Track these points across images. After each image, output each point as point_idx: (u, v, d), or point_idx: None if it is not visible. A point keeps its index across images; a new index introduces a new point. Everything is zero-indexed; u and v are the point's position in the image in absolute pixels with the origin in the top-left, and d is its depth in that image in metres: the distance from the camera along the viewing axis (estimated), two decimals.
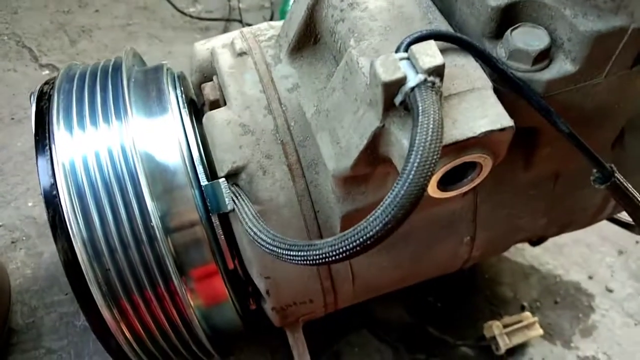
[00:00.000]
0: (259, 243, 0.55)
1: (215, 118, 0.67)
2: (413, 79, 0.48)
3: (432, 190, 0.54)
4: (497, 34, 0.59)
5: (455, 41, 0.54)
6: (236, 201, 0.63)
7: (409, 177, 0.44)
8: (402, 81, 0.48)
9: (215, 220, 0.67)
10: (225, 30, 1.60)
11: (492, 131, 0.49)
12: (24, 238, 1.14)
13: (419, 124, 0.46)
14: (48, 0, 1.64)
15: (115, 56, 0.79)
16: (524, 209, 0.74)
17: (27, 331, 1.02)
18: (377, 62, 0.48)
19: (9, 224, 1.15)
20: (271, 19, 1.56)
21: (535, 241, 0.99)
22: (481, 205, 0.71)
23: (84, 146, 0.66)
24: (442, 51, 0.51)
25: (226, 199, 0.63)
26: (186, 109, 0.71)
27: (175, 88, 0.74)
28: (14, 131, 1.32)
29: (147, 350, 0.70)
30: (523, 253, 1.18)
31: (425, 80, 0.47)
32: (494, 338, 1.00)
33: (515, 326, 1.01)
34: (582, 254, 1.19)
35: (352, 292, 0.75)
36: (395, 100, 0.49)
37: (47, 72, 1.46)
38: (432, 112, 0.46)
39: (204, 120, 0.69)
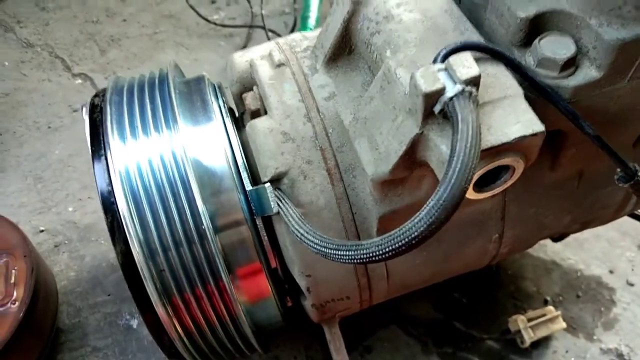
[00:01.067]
0: (307, 244, 0.59)
1: (258, 127, 0.72)
2: (452, 89, 0.52)
3: (469, 192, 0.58)
4: (526, 42, 0.62)
5: (487, 51, 0.58)
6: (281, 205, 0.67)
7: (451, 181, 0.48)
8: (441, 92, 0.52)
9: (259, 222, 0.71)
10: (249, 36, 1.65)
11: (525, 136, 0.53)
12: (66, 242, 1.19)
13: (458, 131, 0.50)
14: (77, 11, 1.70)
15: (158, 68, 0.83)
16: (550, 208, 0.78)
17: (73, 331, 1.07)
18: (417, 74, 0.52)
19: (51, 228, 1.21)
20: (293, 25, 1.61)
21: (557, 237, 1.02)
22: (510, 205, 0.75)
23: (138, 154, 0.71)
24: (476, 60, 0.55)
25: (271, 203, 0.68)
26: (229, 118, 0.76)
27: (217, 98, 0.79)
28: (52, 139, 1.38)
29: (196, 345, 0.75)
30: (545, 249, 1.21)
31: (463, 90, 0.51)
32: (518, 332, 1.03)
33: (539, 320, 1.04)
34: (602, 249, 1.22)
35: (386, 289, 0.79)
36: (434, 109, 0.53)
37: (79, 81, 1.52)
38: (470, 120, 0.50)
39: (247, 128, 0.73)
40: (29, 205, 1.25)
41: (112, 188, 0.69)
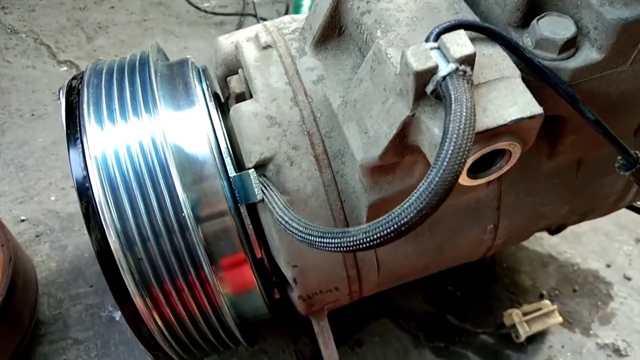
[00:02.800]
0: (291, 232, 0.56)
1: (242, 110, 0.68)
2: (444, 68, 0.49)
3: (462, 178, 0.55)
4: (523, 23, 0.59)
5: (483, 31, 0.55)
6: (265, 192, 0.64)
7: (443, 164, 0.45)
8: (433, 70, 0.49)
9: (243, 210, 0.68)
10: (240, 24, 1.61)
11: (522, 119, 0.50)
12: (47, 232, 1.16)
13: (452, 111, 0.47)
14: None
15: (140, 51, 0.80)
16: (547, 197, 0.75)
17: (54, 322, 1.04)
18: (408, 52, 0.49)
19: (32, 218, 1.18)
20: (286, 13, 1.57)
21: (554, 230, 0.99)
22: (505, 194, 0.72)
23: (115, 138, 0.67)
24: (471, 40, 0.52)
25: (255, 190, 0.65)
26: (213, 102, 0.73)
27: (200, 82, 0.75)
28: (35, 127, 1.34)
29: (177, 338, 0.72)
30: (541, 242, 1.18)
31: (457, 69, 0.48)
32: (513, 326, 1.01)
33: (535, 314, 1.02)
34: (599, 242, 1.19)
35: (376, 280, 0.76)
36: (426, 89, 0.50)
37: (65, 68, 1.48)
38: (464, 100, 0.47)
39: (231, 112, 0.70)
40: (10, 194, 1.21)
41: (88, 173, 0.65)
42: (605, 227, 1.20)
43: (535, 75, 0.56)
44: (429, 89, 0.50)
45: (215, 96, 0.77)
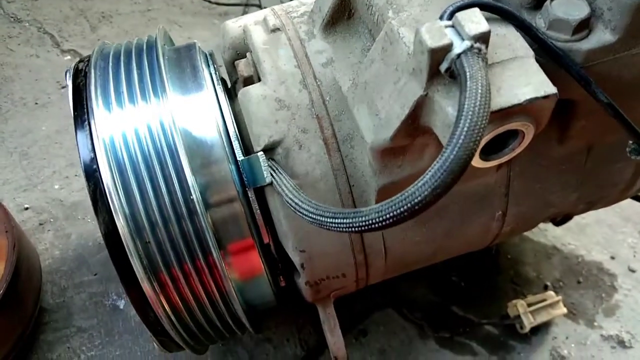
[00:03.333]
0: (301, 213, 0.56)
1: (251, 93, 0.68)
2: (459, 46, 0.48)
3: (475, 159, 0.54)
4: (536, 5, 0.59)
5: (496, 11, 0.55)
6: (274, 175, 0.64)
7: (458, 142, 0.44)
8: (448, 48, 0.48)
9: (251, 194, 0.67)
10: (244, 14, 1.60)
11: (536, 98, 0.50)
12: (51, 220, 1.15)
13: (467, 89, 0.46)
14: None
15: (147, 36, 0.79)
16: (556, 184, 0.74)
17: (57, 310, 1.03)
18: (422, 29, 0.49)
19: (36, 206, 1.17)
20: None
21: (559, 221, 0.99)
22: (514, 180, 0.71)
23: (123, 121, 0.67)
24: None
25: (264, 173, 0.64)
26: (220, 86, 0.72)
27: (208, 66, 0.75)
28: (39, 115, 1.33)
29: (183, 323, 0.71)
30: (545, 234, 1.18)
31: (472, 46, 0.48)
32: (518, 317, 1.00)
33: (539, 305, 1.01)
34: (604, 234, 1.19)
35: (383, 267, 0.75)
36: (440, 67, 0.50)
37: (69, 57, 1.47)
38: (479, 78, 0.46)
39: (239, 95, 0.69)
40: (13, 182, 1.20)
41: (95, 156, 0.65)
42: (609, 219, 1.20)
43: (548, 57, 0.56)
44: (443, 67, 0.49)
45: (222, 81, 0.77)
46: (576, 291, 1.11)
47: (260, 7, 1.57)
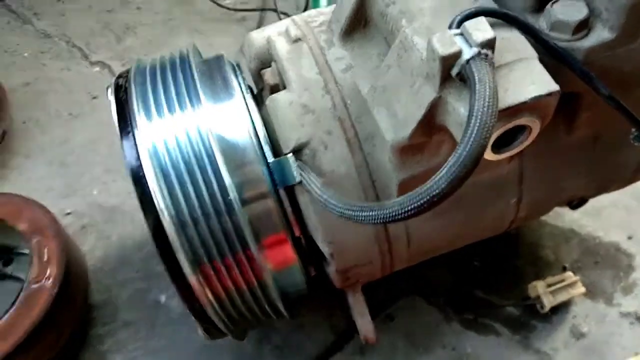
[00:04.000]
0: (331, 208, 0.62)
1: (278, 100, 0.74)
2: (468, 52, 0.53)
3: (487, 153, 0.60)
4: (538, 8, 0.64)
5: (501, 17, 0.60)
6: (303, 174, 0.70)
7: (470, 139, 0.50)
8: (458, 55, 0.54)
9: (282, 192, 0.74)
10: (262, 19, 1.66)
11: (540, 96, 0.55)
12: (92, 224, 1.23)
13: (476, 91, 0.52)
14: (91, 2, 1.73)
15: (176, 50, 0.86)
16: (567, 171, 0.79)
17: (104, 306, 1.11)
18: (434, 39, 0.54)
19: (77, 211, 1.25)
20: (305, 6, 1.62)
21: (575, 204, 1.03)
22: (526, 169, 0.76)
23: (164, 130, 0.74)
24: (490, 26, 0.57)
25: (294, 172, 0.70)
26: (249, 94, 0.78)
27: (236, 76, 0.81)
28: (74, 126, 1.41)
29: (226, 311, 0.78)
30: (563, 217, 1.22)
31: (479, 52, 0.53)
32: (538, 297, 1.05)
33: (558, 285, 1.06)
34: (620, 216, 1.23)
35: (407, 254, 0.81)
36: (451, 72, 0.55)
37: (98, 69, 1.55)
38: (487, 81, 0.52)
39: (267, 102, 0.75)
40: (55, 190, 1.29)
41: (141, 163, 0.72)
42: (624, 201, 1.24)
43: (551, 56, 0.61)
44: (454, 72, 0.55)
45: (250, 88, 0.83)
46: (594, 271, 1.15)
47: (276, 11, 1.63)
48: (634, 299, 1.11)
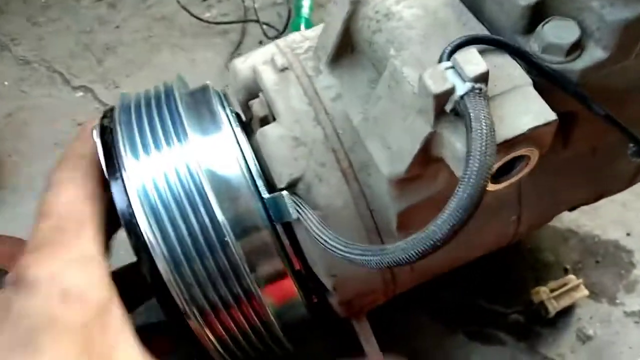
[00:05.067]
0: (331, 250, 0.60)
1: (268, 134, 0.72)
2: (461, 88, 0.52)
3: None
4: (529, 30, 0.62)
5: (492, 43, 0.58)
6: (299, 210, 0.68)
7: (469, 182, 0.48)
8: (451, 91, 0.52)
9: (279, 228, 0.72)
10: (243, 31, 1.64)
11: (537, 127, 0.54)
12: None
13: (472, 130, 0.50)
14: (69, 23, 1.69)
15: (163, 83, 0.84)
16: (565, 183, 0.78)
17: None
18: (425, 75, 0.53)
19: None
20: (288, 16, 1.59)
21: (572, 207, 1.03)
22: (525, 187, 0.75)
23: (152, 170, 0.71)
24: (481, 53, 0.55)
25: (290, 209, 0.69)
26: (239, 126, 0.76)
27: (224, 107, 0.79)
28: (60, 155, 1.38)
29: (229, 351, 0.77)
30: (561, 218, 1.22)
31: (473, 87, 0.52)
32: (542, 303, 1.05)
33: (562, 290, 1.06)
34: (618, 212, 1.22)
35: (409, 279, 0.80)
36: (445, 107, 0.54)
37: (81, 94, 1.52)
38: (483, 118, 0.51)
39: (257, 136, 0.74)
40: None
41: (132, 209, 0.70)
42: (621, 197, 1.22)
43: (545, 79, 0.60)
44: (449, 107, 0.54)
45: (238, 117, 0.81)
46: (595, 271, 1.15)
47: (258, 21, 1.60)
48: (638, 296, 1.11)
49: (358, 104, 0.70)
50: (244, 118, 0.86)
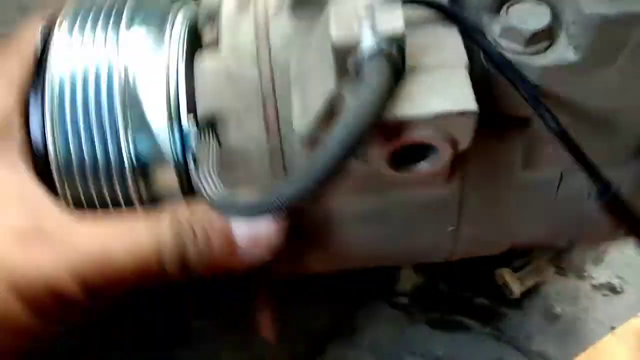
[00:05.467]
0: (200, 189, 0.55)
1: (204, 62, 0.66)
2: (367, 47, 0.44)
3: (384, 167, 0.50)
4: (498, 8, 0.52)
5: (433, 6, 0.49)
6: (205, 144, 0.62)
7: (329, 148, 0.41)
8: (354, 45, 0.44)
9: (188, 157, 0.65)
10: None
11: (446, 113, 0.44)
12: None
13: (358, 96, 0.42)
14: None
15: None
16: (519, 213, 0.67)
17: None
18: (332, 17, 0.45)
19: None
20: None
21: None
22: (468, 197, 0.65)
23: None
24: (425, 18, 0.47)
25: (194, 142, 0.62)
26: (185, 45, 0.69)
27: (181, 24, 0.72)
28: None
29: None
30: None
31: (381, 49, 0.43)
32: (506, 284, 0.95)
33: (526, 269, 0.96)
34: None
35: (321, 262, 0.73)
36: (347, 65, 0.46)
37: None
38: (375, 85, 0.42)
39: (194, 61, 0.67)
40: None
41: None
42: None
43: (493, 66, 0.50)
44: (350, 66, 0.45)
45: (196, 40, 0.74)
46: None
47: None
48: (605, 268, 1.00)
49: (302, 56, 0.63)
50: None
